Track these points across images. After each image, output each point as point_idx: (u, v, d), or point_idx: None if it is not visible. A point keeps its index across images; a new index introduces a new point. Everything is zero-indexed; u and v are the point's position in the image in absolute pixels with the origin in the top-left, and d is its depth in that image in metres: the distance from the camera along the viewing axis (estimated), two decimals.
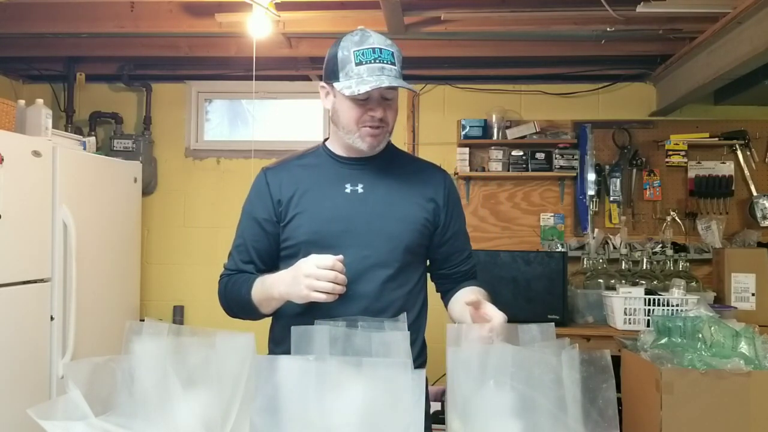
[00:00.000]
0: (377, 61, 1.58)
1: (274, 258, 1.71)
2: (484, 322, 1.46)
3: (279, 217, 1.70)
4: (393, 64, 1.60)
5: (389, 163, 1.74)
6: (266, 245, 1.71)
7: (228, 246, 1.76)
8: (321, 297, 1.47)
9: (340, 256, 1.50)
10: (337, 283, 1.48)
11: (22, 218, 2.86)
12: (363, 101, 1.62)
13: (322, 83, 1.70)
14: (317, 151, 1.79)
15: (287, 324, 1.41)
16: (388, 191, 1.70)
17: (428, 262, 1.80)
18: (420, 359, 1.71)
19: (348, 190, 1.69)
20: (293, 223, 1.68)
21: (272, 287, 1.58)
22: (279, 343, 1.68)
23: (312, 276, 1.47)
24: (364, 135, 1.64)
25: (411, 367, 1.19)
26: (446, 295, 1.81)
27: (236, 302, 1.69)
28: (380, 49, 1.60)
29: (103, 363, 1.24)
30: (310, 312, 1.53)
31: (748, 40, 2.84)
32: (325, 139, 1.80)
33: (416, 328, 1.68)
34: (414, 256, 1.71)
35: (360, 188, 1.69)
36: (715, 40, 3.10)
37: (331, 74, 1.65)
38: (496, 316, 1.45)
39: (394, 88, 1.62)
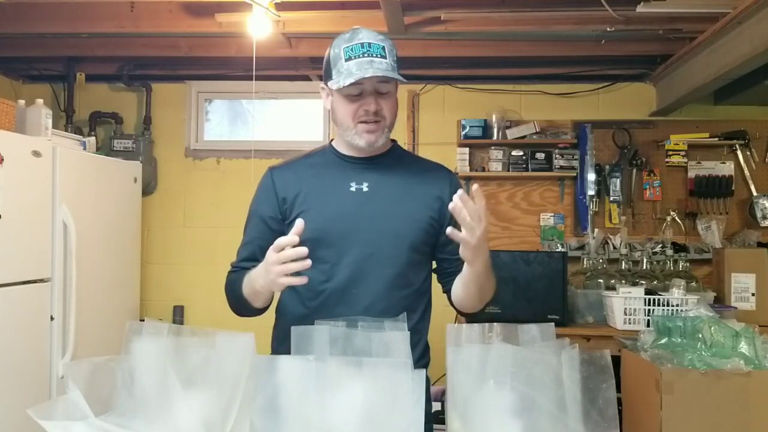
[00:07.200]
0: (366, 55, 1.59)
1: None
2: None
3: (284, 215, 1.70)
4: (384, 57, 1.60)
5: (395, 163, 1.75)
6: (271, 243, 1.71)
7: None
8: (295, 281, 1.44)
9: (299, 222, 1.45)
10: (301, 258, 1.42)
11: (22, 218, 2.86)
12: (356, 96, 1.63)
13: (322, 85, 1.72)
14: (324, 151, 1.80)
15: (290, 324, 1.40)
16: (393, 190, 1.70)
17: (434, 264, 1.79)
18: (422, 361, 1.70)
19: (353, 189, 1.69)
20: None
21: (255, 281, 1.57)
22: (282, 341, 1.67)
23: (275, 262, 1.44)
24: (361, 131, 1.65)
25: (411, 367, 1.19)
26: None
27: (234, 299, 1.69)
28: (369, 43, 1.60)
29: (103, 363, 1.24)
30: (314, 312, 1.53)
31: (748, 40, 2.84)
32: (332, 140, 1.81)
33: (419, 330, 1.68)
34: (419, 255, 1.71)
35: (365, 187, 1.69)
36: (715, 40, 3.10)
37: (326, 74, 1.68)
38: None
39: (387, 81, 1.63)
